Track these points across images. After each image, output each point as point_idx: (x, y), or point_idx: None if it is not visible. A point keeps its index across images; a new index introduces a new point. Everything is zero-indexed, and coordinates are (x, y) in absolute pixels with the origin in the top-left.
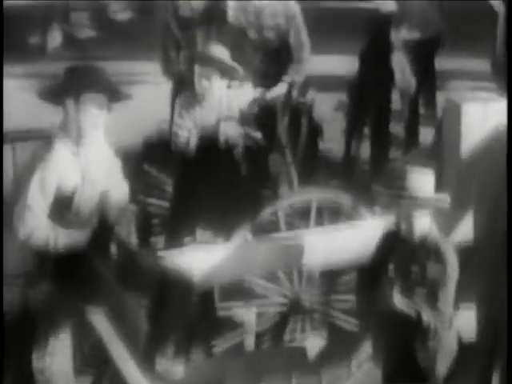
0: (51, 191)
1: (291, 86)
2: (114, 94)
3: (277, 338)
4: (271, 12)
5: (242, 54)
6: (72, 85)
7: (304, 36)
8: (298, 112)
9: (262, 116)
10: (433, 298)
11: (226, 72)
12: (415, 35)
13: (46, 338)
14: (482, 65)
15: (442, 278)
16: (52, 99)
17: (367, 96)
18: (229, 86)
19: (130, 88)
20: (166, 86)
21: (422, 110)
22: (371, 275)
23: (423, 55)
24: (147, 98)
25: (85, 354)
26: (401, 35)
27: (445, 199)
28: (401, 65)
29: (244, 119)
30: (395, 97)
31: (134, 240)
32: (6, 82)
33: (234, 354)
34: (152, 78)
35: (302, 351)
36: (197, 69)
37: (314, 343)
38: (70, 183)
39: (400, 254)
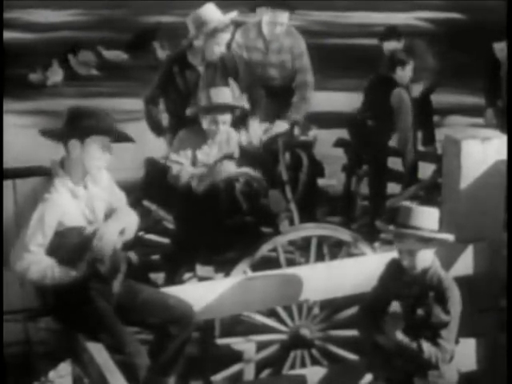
0: (51, 229)
1: (294, 123)
2: (117, 136)
3: (277, 370)
4: (277, 48)
5: (247, 87)
6: (77, 127)
7: (310, 76)
8: (299, 149)
9: (263, 152)
10: (435, 335)
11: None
12: (420, 89)
13: (46, 369)
14: (481, 101)
15: (446, 321)
16: (55, 138)
17: (368, 132)
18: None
19: (129, 125)
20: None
21: (420, 146)
22: (374, 309)
23: (422, 92)
24: (146, 135)
25: None
26: (407, 73)
27: (449, 238)
28: (401, 100)
29: (245, 156)
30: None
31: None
32: (7, 119)
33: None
34: None
35: (302, 379)
36: (211, 116)
37: (314, 371)
38: (71, 221)
39: (403, 290)
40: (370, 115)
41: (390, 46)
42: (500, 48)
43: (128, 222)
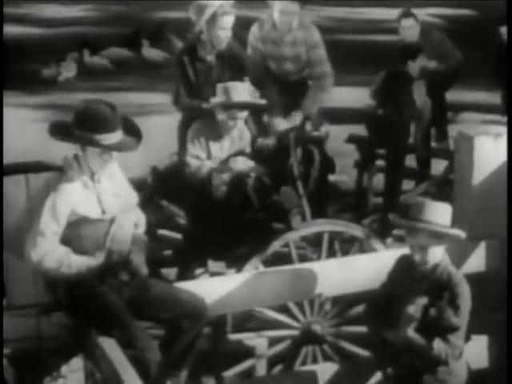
0: (63, 217)
1: (306, 118)
2: (113, 148)
3: (288, 366)
4: (291, 41)
5: (260, 83)
6: (75, 136)
7: (328, 66)
8: (311, 144)
9: (276, 148)
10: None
11: (253, 110)
12: (433, 66)
13: (58, 364)
14: (493, 98)
15: (456, 325)
16: (61, 139)
17: (387, 128)
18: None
19: (141, 119)
20: (177, 118)
21: (433, 143)
22: (382, 305)
23: (438, 87)
24: (160, 130)
25: (97, 380)
26: (419, 64)
27: (461, 234)
28: (420, 93)
29: (257, 151)
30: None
31: (144, 270)
32: (20, 113)
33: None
34: (164, 109)
35: (314, 375)
36: (228, 112)
37: (326, 367)
38: (82, 210)
39: (412, 286)
40: (394, 110)
41: (408, 23)
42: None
43: (140, 217)
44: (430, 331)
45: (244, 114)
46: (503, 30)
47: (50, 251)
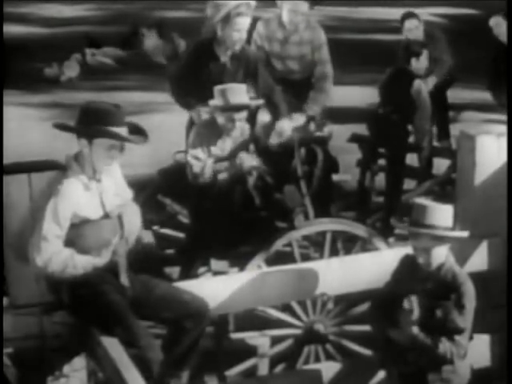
0: (66, 220)
1: (310, 118)
2: (125, 139)
3: (291, 365)
4: (298, 41)
5: (262, 82)
6: (85, 128)
7: (329, 68)
8: (315, 144)
9: (279, 147)
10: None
11: (252, 111)
12: (434, 66)
13: (61, 363)
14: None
15: (461, 328)
16: (69, 131)
17: (390, 127)
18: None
19: (144, 118)
20: (182, 117)
21: (435, 142)
22: (386, 304)
23: (437, 86)
24: (163, 128)
25: (99, 380)
26: (424, 63)
27: (464, 235)
28: (421, 92)
29: (258, 150)
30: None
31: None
32: (23, 111)
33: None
34: (166, 108)
35: (317, 374)
36: (227, 114)
37: (328, 366)
38: (84, 212)
39: (416, 285)
40: (393, 109)
41: (412, 24)
42: (496, 23)
43: (134, 207)
44: (435, 331)
45: (243, 114)
46: (493, 21)
47: (54, 254)
